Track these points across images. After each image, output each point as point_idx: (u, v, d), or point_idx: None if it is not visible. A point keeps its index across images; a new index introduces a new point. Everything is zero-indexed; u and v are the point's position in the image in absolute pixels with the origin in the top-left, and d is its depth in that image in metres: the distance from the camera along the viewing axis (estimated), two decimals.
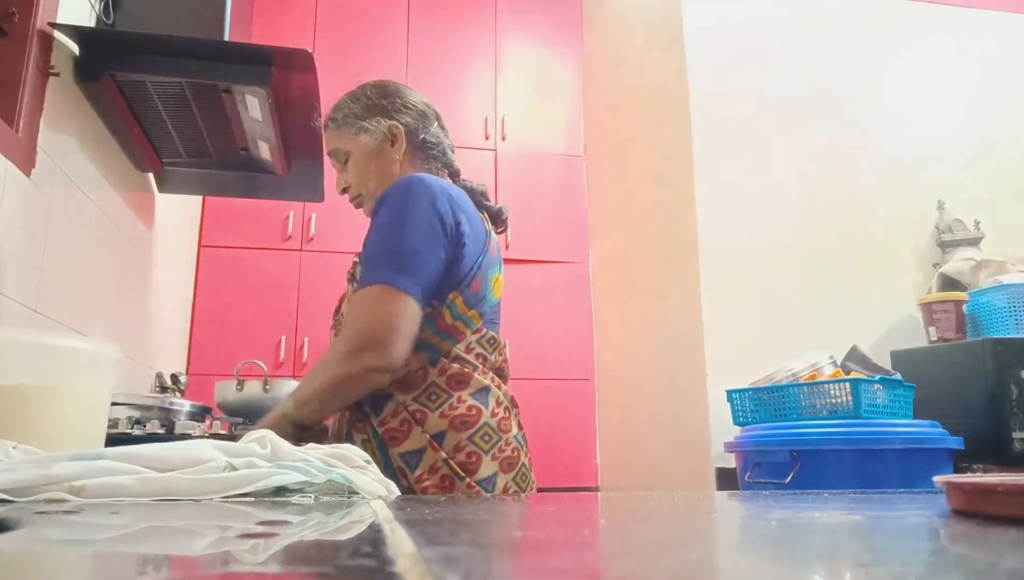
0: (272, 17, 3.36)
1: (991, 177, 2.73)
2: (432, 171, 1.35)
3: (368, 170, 1.32)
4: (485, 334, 1.25)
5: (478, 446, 1.17)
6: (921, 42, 2.83)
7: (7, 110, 1.27)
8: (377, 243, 1.19)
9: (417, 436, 1.15)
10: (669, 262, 2.69)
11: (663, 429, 2.68)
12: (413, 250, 1.16)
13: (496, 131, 3.57)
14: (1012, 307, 2.19)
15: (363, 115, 1.33)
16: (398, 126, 1.33)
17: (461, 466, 1.15)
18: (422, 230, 1.17)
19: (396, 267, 1.15)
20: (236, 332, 3.07)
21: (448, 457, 1.14)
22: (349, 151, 1.33)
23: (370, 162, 1.32)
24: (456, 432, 1.16)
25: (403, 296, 1.13)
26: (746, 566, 0.34)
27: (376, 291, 1.14)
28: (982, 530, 0.41)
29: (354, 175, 1.33)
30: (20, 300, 1.31)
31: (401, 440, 1.15)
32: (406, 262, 1.15)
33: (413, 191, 1.20)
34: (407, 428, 1.16)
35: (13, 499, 0.54)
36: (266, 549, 0.36)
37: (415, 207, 1.18)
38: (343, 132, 1.33)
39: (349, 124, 1.33)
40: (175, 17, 1.69)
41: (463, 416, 1.17)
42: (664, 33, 2.80)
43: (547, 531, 0.47)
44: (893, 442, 1.76)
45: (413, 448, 1.15)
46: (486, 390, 1.21)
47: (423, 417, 1.16)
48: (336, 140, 1.34)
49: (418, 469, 1.14)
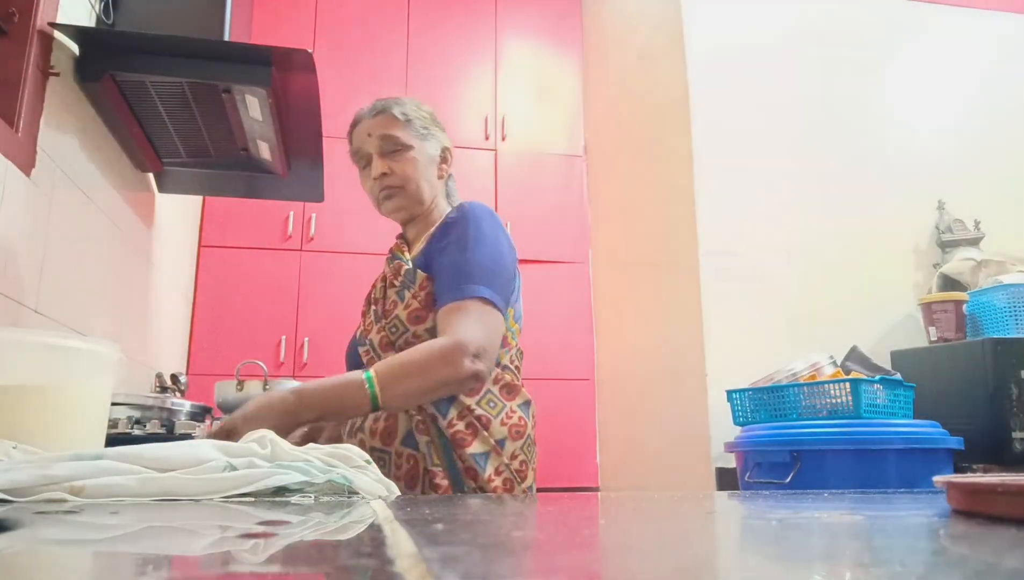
0: (272, 17, 3.36)
1: (991, 177, 2.73)
2: (451, 194, 1.46)
3: (423, 174, 1.36)
4: (519, 348, 1.35)
5: (527, 456, 1.26)
6: (921, 42, 2.83)
7: (7, 110, 1.27)
8: (474, 257, 1.24)
9: (484, 439, 1.22)
10: (669, 262, 2.69)
11: (663, 429, 2.68)
12: (505, 270, 1.26)
13: (496, 131, 3.57)
14: (1012, 307, 2.19)
15: (431, 124, 1.39)
16: (451, 148, 1.43)
17: (517, 473, 1.23)
18: (507, 254, 1.29)
19: (492, 284, 1.22)
20: (236, 332, 3.07)
21: (508, 462, 1.23)
22: (410, 146, 1.35)
23: (429, 168, 1.37)
24: (512, 441, 1.24)
25: (498, 313, 1.21)
26: (746, 566, 0.34)
27: (480, 305, 1.19)
28: (982, 530, 0.41)
29: (407, 170, 1.34)
30: (20, 300, 1.31)
31: (469, 442, 1.20)
32: (499, 280, 1.24)
33: (495, 218, 1.31)
34: (473, 431, 1.21)
35: (13, 499, 0.54)
36: (266, 549, 0.36)
37: (500, 233, 1.30)
38: (411, 127, 1.35)
39: (420, 123, 1.36)
40: (175, 17, 1.69)
41: (516, 426, 1.25)
42: (664, 33, 2.80)
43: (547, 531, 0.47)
44: (893, 442, 1.76)
45: (481, 450, 1.21)
46: (528, 403, 1.30)
47: (487, 422, 1.23)
48: (399, 129, 1.35)
49: (487, 470, 1.20)
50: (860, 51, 2.75)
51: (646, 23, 3.00)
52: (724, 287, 2.43)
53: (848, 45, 2.74)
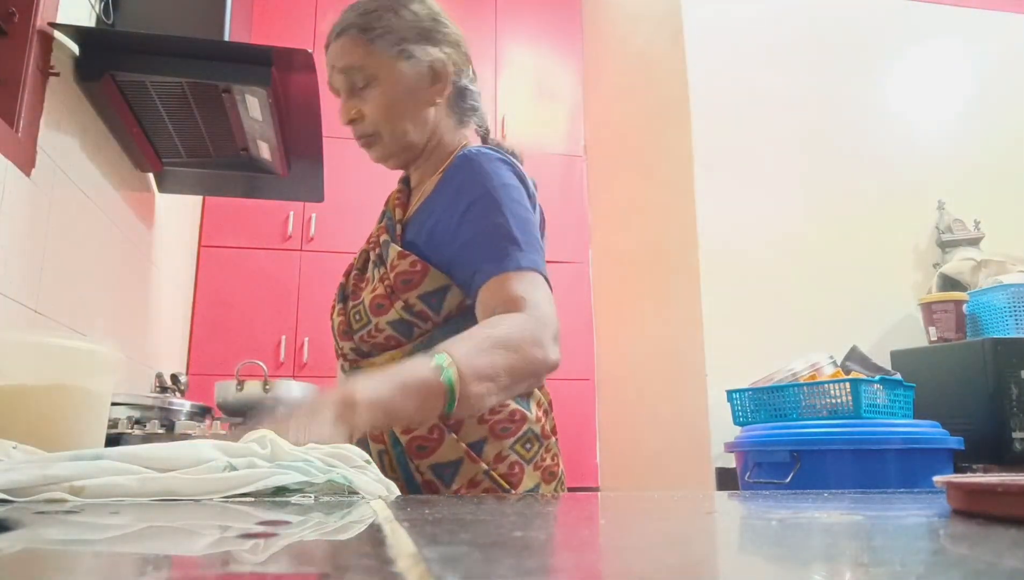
0: (272, 17, 3.36)
1: (991, 177, 2.73)
2: (466, 126, 1.14)
3: (398, 107, 1.04)
4: None
5: (520, 455, 1.01)
6: (921, 42, 2.83)
7: (7, 110, 1.27)
8: (511, 223, 0.97)
9: (452, 445, 0.98)
10: (669, 262, 2.69)
11: (663, 429, 2.68)
12: (537, 238, 1.01)
13: (496, 131, 3.56)
14: (1012, 307, 2.19)
15: (408, 36, 1.05)
16: (445, 62, 1.07)
17: (504, 478, 0.99)
18: (532, 220, 1.02)
19: (538, 255, 0.99)
20: (236, 332, 3.07)
21: (490, 468, 0.98)
22: (376, 75, 1.03)
23: (406, 98, 1.04)
24: (497, 439, 1.00)
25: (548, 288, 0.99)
26: (746, 566, 0.34)
27: (540, 279, 0.97)
28: (982, 530, 0.41)
29: (377, 107, 1.04)
30: (20, 300, 1.31)
31: (432, 450, 0.97)
32: (541, 249, 1.00)
33: (516, 175, 1.03)
34: (439, 436, 0.98)
35: (13, 499, 0.54)
36: (266, 549, 0.36)
37: (522, 198, 1.02)
38: (375, 48, 1.03)
39: (387, 41, 1.03)
40: (175, 17, 1.69)
41: (505, 422, 1.01)
42: (664, 33, 2.80)
43: (547, 531, 0.47)
44: (893, 442, 1.76)
45: (447, 459, 0.97)
46: (528, 392, 1.06)
47: (458, 424, 0.98)
48: (360, 55, 1.03)
49: (455, 483, 0.97)
50: (860, 51, 2.75)
51: (646, 23, 3.00)
52: (724, 287, 2.43)
53: (848, 45, 2.74)
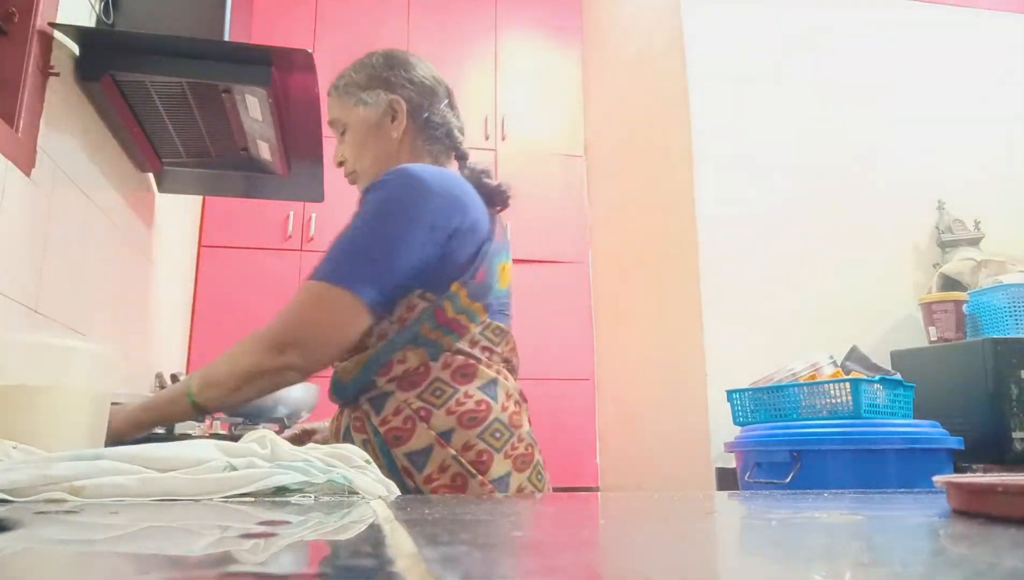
0: (272, 17, 3.36)
1: (991, 177, 2.73)
2: (434, 153, 1.29)
3: (364, 146, 1.26)
4: (490, 324, 1.17)
5: (489, 444, 1.09)
6: (922, 42, 2.83)
7: (7, 110, 1.27)
8: (349, 237, 1.11)
9: (423, 434, 1.08)
10: (669, 262, 2.69)
11: (663, 429, 2.68)
12: (386, 254, 1.09)
13: (496, 131, 3.57)
14: (1012, 307, 2.19)
15: (364, 85, 1.26)
16: (399, 101, 1.25)
17: (472, 464, 1.07)
18: (401, 235, 1.09)
19: (359, 270, 1.08)
20: (236, 332, 3.05)
21: (458, 455, 1.07)
22: (347, 123, 1.26)
23: (367, 137, 1.25)
24: (464, 429, 1.08)
25: (355, 303, 1.07)
26: (746, 566, 0.34)
27: (325, 289, 1.09)
28: (982, 530, 0.41)
29: (350, 149, 1.27)
30: (20, 300, 1.31)
31: (406, 439, 1.08)
32: (373, 266, 1.08)
33: (408, 189, 1.11)
34: (411, 426, 1.09)
35: (13, 499, 0.54)
36: (266, 549, 0.36)
37: (404, 207, 1.10)
38: (343, 101, 1.27)
39: (349, 93, 1.26)
40: (175, 17, 1.69)
41: (471, 412, 1.09)
42: (664, 33, 2.80)
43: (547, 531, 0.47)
44: (893, 442, 1.76)
45: (419, 447, 1.08)
46: (494, 382, 1.13)
47: (428, 414, 1.08)
48: (336, 109, 1.28)
49: (427, 468, 1.07)
50: (861, 50, 2.75)
51: (646, 23, 3.00)
52: (724, 287, 2.43)
53: (848, 44, 2.74)
